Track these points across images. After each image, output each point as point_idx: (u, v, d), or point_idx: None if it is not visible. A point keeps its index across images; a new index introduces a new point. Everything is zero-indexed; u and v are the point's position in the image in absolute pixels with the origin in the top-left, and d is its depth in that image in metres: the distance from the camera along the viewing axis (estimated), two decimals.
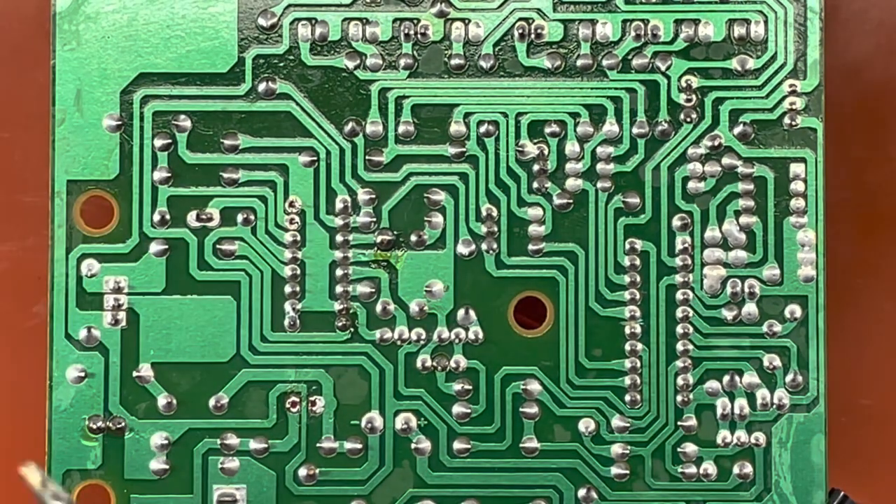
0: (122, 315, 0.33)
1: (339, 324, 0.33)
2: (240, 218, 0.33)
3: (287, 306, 0.33)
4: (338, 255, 0.33)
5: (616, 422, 0.34)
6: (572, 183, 0.34)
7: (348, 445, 0.33)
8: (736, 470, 0.33)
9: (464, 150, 0.34)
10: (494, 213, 0.34)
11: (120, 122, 0.33)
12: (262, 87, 0.34)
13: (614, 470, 0.33)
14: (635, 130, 0.34)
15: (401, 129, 0.34)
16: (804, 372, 0.33)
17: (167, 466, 0.33)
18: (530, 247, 0.34)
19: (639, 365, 0.33)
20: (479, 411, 0.33)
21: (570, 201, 0.34)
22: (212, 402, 0.33)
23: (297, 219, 0.33)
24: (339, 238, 0.33)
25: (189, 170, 0.34)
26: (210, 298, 0.33)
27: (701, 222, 0.34)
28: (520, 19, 0.34)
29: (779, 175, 0.34)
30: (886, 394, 0.37)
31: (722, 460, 0.34)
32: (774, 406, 0.33)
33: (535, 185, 0.34)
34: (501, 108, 0.34)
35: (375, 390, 0.33)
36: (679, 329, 0.33)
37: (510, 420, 0.33)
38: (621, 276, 0.34)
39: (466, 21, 0.34)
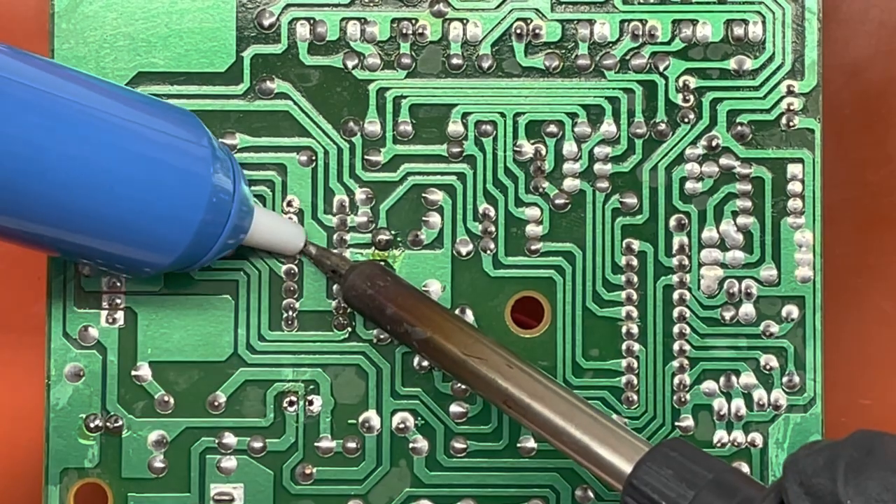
0: (119, 314, 0.33)
1: (337, 323, 0.34)
2: None
3: (284, 305, 0.33)
4: None
5: None
6: (570, 183, 0.34)
7: (345, 444, 0.33)
8: None
9: (461, 149, 0.34)
10: (492, 213, 0.34)
11: None
12: (260, 86, 0.34)
13: None
14: (633, 131, 0.34)
15: (399, 128, 0.34)
16: (801, 372, 0.33)
17: (164, 465, 0.33)
18: (527, 247, 0.34)
19: (636, 365, 0.33)
20: (476, 411, 0.33)
21: (568, 201, 0.34)
22: (209, 400, 0.33)
23: (294, 218, 0.33)
24: (336, 237, 0.34)
25: None
26: (208, 297, 0.33)
27: (698, 222, 0.34)
28: (518, 19, 0.34)
29: (776, 176, 0.34)
30: (886, 394, 0.37)
31: None
32: (771, 406, 0.33)
33: (533, 185, 0.34)
34: (499, 108, 0.34)
35: (372, 389, 0.33)
36: (676, 329, 0.33)
37: (507, 420, 0.33)
38: (618, 276, 0.34)
39: (464, 21, 0.34)
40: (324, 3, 0.34)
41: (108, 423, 0.33)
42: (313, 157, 0.34)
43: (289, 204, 0.34)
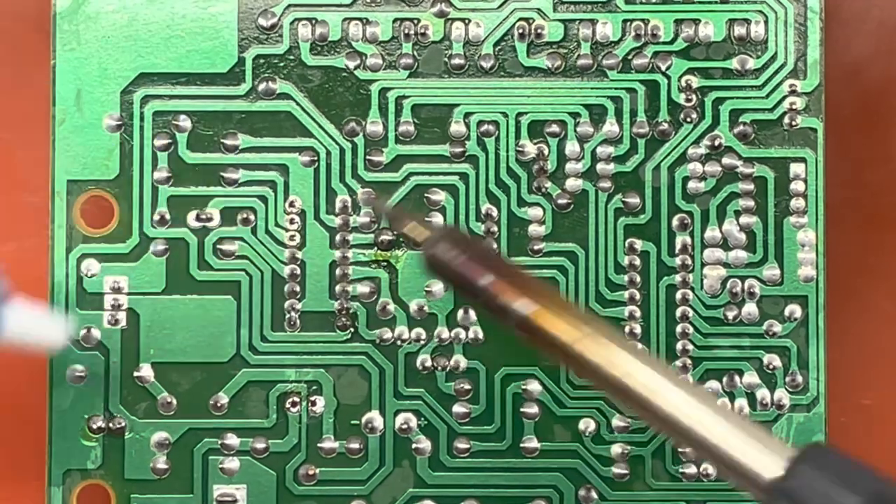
0: (121, 315, 0.33)
1: (339, 323, 0.33)
2: (240, 218, 0.33)
3: (287, 306, 0.33)
4: (338, 254, 0.33)
5: (616, 422, 0.33)
6: (572, 183, 0.34)
7: (348, 445, 0.33)
8: None
9: (464, 150, 0.34)
10: (494, 213, 0.34)
11: (120, 122, 0.33)
12: (262, 87, 0.34)
13: (614, 470, 0.33)
14: (635, 130, 0.34)
15: (401, 128, 0.34)
16: (804, 372, 0.33)
17: (167, 466, 0.33)
18: (530, 247, 0.34)
19: None
20: (479, 411, 0.33)
21: (570, 201, 0.34)
22: (212, 402, 0.33)
23: (297, 219, 0.33)
24: (339, 238, 0.33)
25: (189, 170, 0.34)
26: (210, 298, 0.33)
27: (701, 222, 0.34)
28: (520, 19, 0.34)
29: (779, 175, 0.34)
30: (886, 394, 0.37)
31: None
32: (774, 406, 0.33)
33: (535, 185, 0.34)
34: (501, 108, 0.34)
35: (375, 390, 0.33)
36: (679, 329, 0.33)
37: (510, 420, 0.33)
38: (621, 276, 0.34)
39: (466, 21, 0.34)
40: (325, 4, 0.34)
41: (110, 425, 0.33)
42: (315, 158, 0.34)
43: (291, 205, 0.34)
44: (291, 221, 0.33)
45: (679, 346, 0.33)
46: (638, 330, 0.33)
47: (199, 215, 0.33)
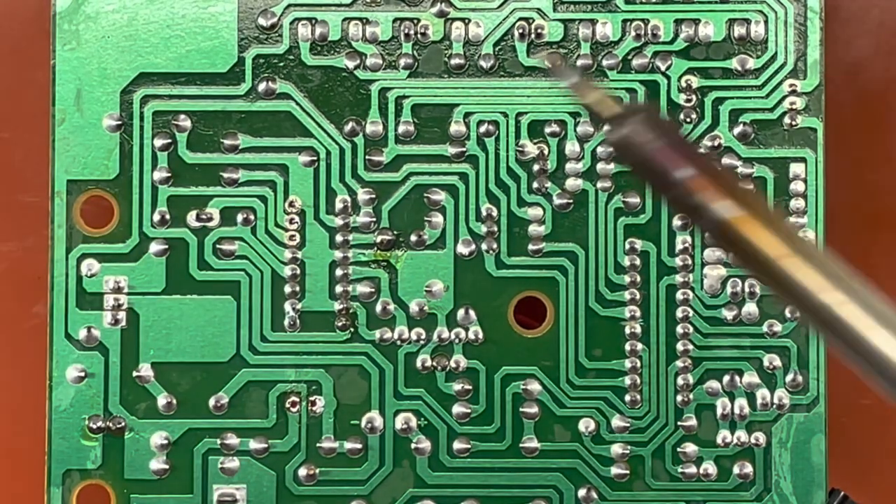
0: (122, 315, 0.33)
1: (339, 324, 0.33)
2: (240, 218, 0.33)
3: (287, 306, 0.33)
4: (338, 255, 0.33)
5: (616, 422, 0.33)
6: (572, 183, 0.34)
7: (348, 445, 0.33)
8: (736, 470, 0.33)
9: (464, 149, 0.34)
10: (494, 213, 0.34)
11: (120, 122, 0.33)
12: (262, 86, 0.34)
13: (614, 470, 0.33)
14: None
15: (401, 128, 0.34)
16: (804, 372, 0.33)
17: (167, 466, 0.33)
18: (530, 247, 0.34)
19: (639, 365, 0.33)
20: (479, 411, 0.33)
21: (570, 201, 0.34)
22: (212, 401, 0.33)
23: (297, 219, 0.33)
24: (339, 238, 0.33)
25: (189, 170, 0.34)
26: (210, 298, 0.33)
27: None
28: (520, 19, 0.34)
29: (779, 175, 0.34)
30: None
31: (722, 460, 0.34)
32: (774, 406, 0.33)
33: (535, 184, 0.34)
34: (501, 108, 0.34)
35: (375, 390, 0.33)
36: (679, 329, 0.33)
37: (510, 420, 0.33)
38: (621, 276, 0.34)
39: (466, 21, 0.34)
40: (325, 4, 0.34)
41: (110, 425, 0.33)
42: (315, 158, 0.34)
43: (290, 205, 0.33)
44: (291, 221, 0.33)
45: (679, 346, 0.33)
46: (638, 330, 0.33)
47: (199, 215, 0.33)
